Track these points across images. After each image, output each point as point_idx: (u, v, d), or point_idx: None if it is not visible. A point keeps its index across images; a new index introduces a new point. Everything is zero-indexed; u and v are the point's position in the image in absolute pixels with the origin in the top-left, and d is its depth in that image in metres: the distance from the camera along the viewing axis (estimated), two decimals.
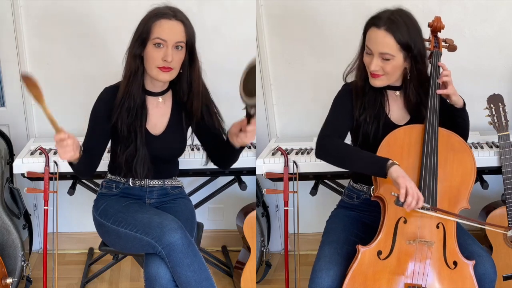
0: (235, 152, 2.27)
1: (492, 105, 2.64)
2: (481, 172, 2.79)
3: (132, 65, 2.19)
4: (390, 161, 1.97)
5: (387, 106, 2.19)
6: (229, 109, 3.19)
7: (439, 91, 2.10)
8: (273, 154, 2.89)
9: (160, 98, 2.31)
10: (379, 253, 2.00)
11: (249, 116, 2.08)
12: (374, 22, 2.07)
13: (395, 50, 2.05)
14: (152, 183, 2.38)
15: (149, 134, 2.30)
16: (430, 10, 2.94)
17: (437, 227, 2.01)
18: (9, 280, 2.59)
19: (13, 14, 3.06)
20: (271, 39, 3.19)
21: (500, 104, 2.64)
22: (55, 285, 2.85)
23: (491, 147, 2.78)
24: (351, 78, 2.23)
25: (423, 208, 1.96)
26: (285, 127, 3.31)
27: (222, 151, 2.33)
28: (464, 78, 3.12)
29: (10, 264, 2.79)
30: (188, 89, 2.27)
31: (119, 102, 2.22)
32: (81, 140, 2.27)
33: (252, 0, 3.07)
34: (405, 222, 2.02)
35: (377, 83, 2.12)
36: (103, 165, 2.42)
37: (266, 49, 3.19)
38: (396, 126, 2.15)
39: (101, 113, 2.26)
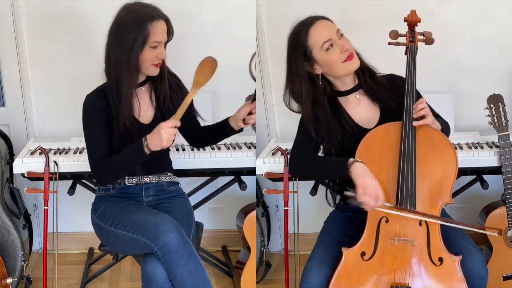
0: (230, 135, 2.43)
1: (492, 105, 2.64)
2: (481, 172, 2.79)
3: (132, 67, 2.21)
4: (351, 160, 1.97)
5: (347, 117, 2.17)
6: (229, 108, 3.20)
7: (416, 123, 2.04)
8: (273, 154, 2.89)
9: (142, 88, 2.35)
10: (363, 254, 2.00)
11: (254, 97, 2.28)
12: (308, 23, 2.13)
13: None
14: (147, 179, 2.39)
15: (139, 124, 2.31)
16: (430, 10, 2.95)
17: (420, 224, 2.00)
18: (9, 280, 2.59)
19: (13, 14, 3.06)
20: (271, 39, 3.19)
21: (500, 104, 2.64)
22: (55, 285, 2.85)
23: (491, 147, 2.78)
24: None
25: (385, 207, 1.94)
26: (285, 127, 3.31)
27: (210, 136, 2.48)
28: (464, 78, 3.12)
29: (10, 264, 2.78)
30: (161, 77, 2.34)
31: (122, 102, 2.23)
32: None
33: (252, 0, 3.07)
34: (387, 221, 2.01)
35: (356, 62, 2.11)
36: None
37: (266, 49, 3.20)
38: (366, 130, 2.11)
39: (97, 117, 2.26)
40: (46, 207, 2.73)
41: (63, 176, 2.80)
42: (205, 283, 2.12)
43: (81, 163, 2.75)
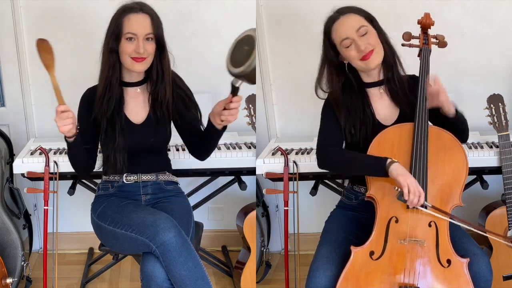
0: (215, 136, 2.33)
1: (492, 105, 2.65)
2: (481, 172, 2.79)
3: (110, 60, 2.30)
4: (389, 160, 1.98)
5: (371, 107, 2.19)
6: None
7: (431, 105, 2.07)
8: (273, 154, 2.89)
9: (138, 89, 2.40)
10: (372, 253, 2.00)
11: (233, 89, 2.11)
12: (334, 17, 2.16)
13: (365, 22, 2.13)
14: (145, 177, 2.41)
15: (130, 123, 2.38)
16: (430, 10, 2.94)
17: (429, 225, 2.01)
18: (9, 280, 2.58)
19: (13, 14, 3.06)
20: (271, 39, 3.19)
21: (500, 104, 2.64)
22: (55, 285, 2.85)
23: (491, 147, 2.78)
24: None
25: (424, 206, 1.96)
26: (285, 127, 3.31)
27: (202, 140, 2.41)
28: (464, 78, 3.12)
29: (10, 264, 2.78)
30: (159, 79, 2.35)
31: (100, 95, 2.32)
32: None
33: (252, 0, 3.07)
34: (396, 221, 2.01)
35: (373, 62, 2.12)
36: (100, 165, 2.45)
37: (266, 49, 3.19)
38: (383, 126, 2.14)
39: (88, 111, 2.36)
40: (46, 207, 2.73)
41: (63, 176, 2.80)
42: (204, 282, 2.12)
43: None
